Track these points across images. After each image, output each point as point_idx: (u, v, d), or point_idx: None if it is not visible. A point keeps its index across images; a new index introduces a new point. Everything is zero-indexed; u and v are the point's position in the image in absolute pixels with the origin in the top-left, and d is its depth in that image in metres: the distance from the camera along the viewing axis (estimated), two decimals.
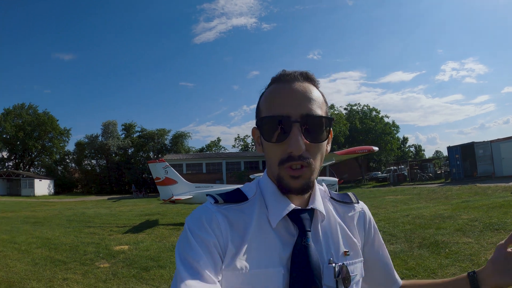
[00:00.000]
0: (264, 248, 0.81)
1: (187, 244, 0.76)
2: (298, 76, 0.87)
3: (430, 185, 25.06)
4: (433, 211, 10.91)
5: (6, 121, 55.89)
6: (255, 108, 0.94)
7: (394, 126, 43.52)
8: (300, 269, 0.80)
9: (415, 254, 6.10)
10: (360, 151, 12.27)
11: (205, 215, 0.81)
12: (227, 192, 0.90)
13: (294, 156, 0.80)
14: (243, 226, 0.82)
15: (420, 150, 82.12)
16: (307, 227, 0.85)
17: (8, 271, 6.58)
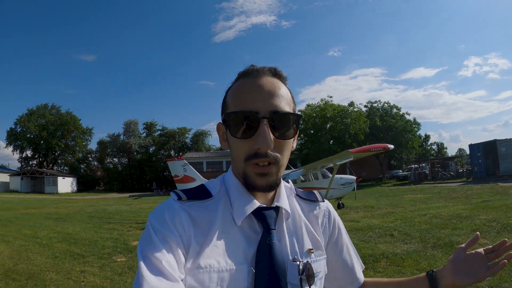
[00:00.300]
0: (229, 246, 0.79)
1: (150, 242, 0.73)
2: (266, 72, 0.86)
3: (451, 184, 24.63)
4: (451, 210, 10.73)
5: (30, 121, 57.73)
6: (222, 104, 0.92)
7: (415, 124, 42.64)
8: (265, 267, 0.80)
9: (428, 254, 5.98)
10: (375, 149, 12.03)
11: (168, 212, 0.78)
12: (191, 188, 0.88)
13: (261, 153, 0.78)
14: (207, 223, 0.80)
15: (442, 148, 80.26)
16: (271, 225, 0.84)
17: (29, 263, 6.87)
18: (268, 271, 0.79)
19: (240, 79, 0.87)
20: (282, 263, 0.82)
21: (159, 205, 0.83)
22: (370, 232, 8.44)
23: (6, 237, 10.03)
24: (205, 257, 0.76)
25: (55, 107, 61.57)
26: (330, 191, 13.81)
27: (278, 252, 0.82)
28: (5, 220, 14.10)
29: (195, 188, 0.88)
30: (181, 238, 0.75)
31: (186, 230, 0.77)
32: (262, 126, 0.77)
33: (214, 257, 0.77)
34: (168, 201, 0.83)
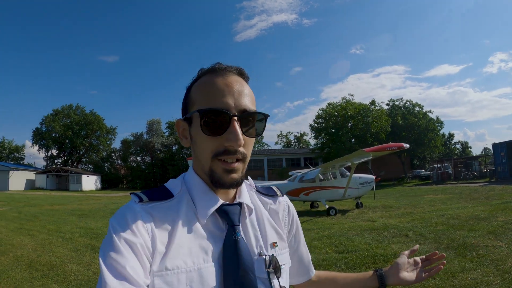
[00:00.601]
0: (195, 245, 0.79)
1: (112, 247, 0.71)
2: (234, 70, 0.87)
3: (473, 184, 24.09)
4: (470, 211, 10.53)
5: (55, 121, 59.78)
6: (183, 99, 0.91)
7: (438, 122, 41.69)
8: (233, 263, 0.81)
9: None
10: (389, 148, 11.85)
11: (130, 215, 0.77)
12: (152, 190, 0.86)
13: (231, 150, 0.80)
14: (170, 224, 0.79)
15: (466, 147, 78.46)
16: (236, 221, 0.85)
17: (52, 256, 7.26)
18: (236, 267, 0.81)
19: (206, 75, 0.87)
20: (249, 258, 0.83)
21: (120, 209, 0.80)
22: (385, 232, 8.40)
23: (31, 231, 10.51)
24: (172, 259, 0.75)
25: (79, 107, 63.43)
26: (349, 191, 13.76)
27: (244, 248, 0.84)
28: (30, 216, 14.72)
29: (155, 189, 0.87)
30: (144, 241, 0.74)
31: (149, 233, 0.76)
32: (234, 124, 0.79)
33: (181, 258, 0.76)
34: (129, 204, 0.81)
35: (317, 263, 6.00)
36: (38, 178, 48.74)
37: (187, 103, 0.88)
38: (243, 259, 0.82)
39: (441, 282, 4.65)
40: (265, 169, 49.06)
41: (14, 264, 6.57)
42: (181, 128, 0.90)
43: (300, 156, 49.21)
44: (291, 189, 14.20)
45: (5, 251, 7.68)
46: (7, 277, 5.77)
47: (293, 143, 71.27)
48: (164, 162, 57.17)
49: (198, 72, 0.90)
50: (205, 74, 0.87)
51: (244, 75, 0.89)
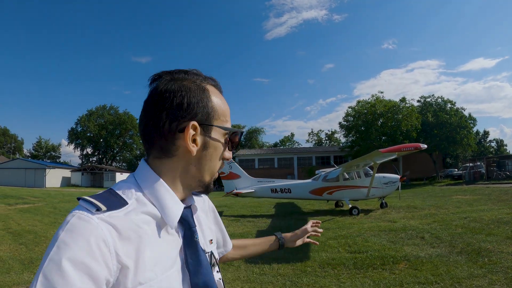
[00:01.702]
0: (159, 253, 0.76)
1: (63, 274, 0.61)
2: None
3: (505, 185, 23.06)
4: (494, 214, 10.26)
5: (90, 121, 62.26)
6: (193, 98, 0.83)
7: (471, 119, 40.09)
8: (197, 264, 0.83)
9: (451, 260, 5.89)
10: (405, 148, 11.63)
11: (88, 229, 0.66)
12: (103, 195, 0.77)
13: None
14: (134, 235, 0.72)
15: (502, 145, 74.49)
16: (192, 224, 0.87)
17: None
18: (200, 266, 0.83)
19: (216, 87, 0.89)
20: (205, 257, 0.88)
21: (73, 220, 0.68)
22: (403, 233, 8.39)
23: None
24: (143, 272, 0.71)
25: (113, 108, 65.75)
26: (372, 190, 13.69)
27: (201, 248, 0.87)
28: (64, 211, 15.53)
29: (107, 195, 0.78)
30: (106, 264, 0.66)
31: (112, 251, 0.68)
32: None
33: (151, 269, 0.73)
34: (84, 214, 0.69)
35: (326, 261, 6.22)
36: (74, 176, 50.44)
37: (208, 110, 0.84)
38: (202, 259, 0.85)
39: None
40: (295, 167, 49.05)
41: None
42: (191, 134, 0.81)
43: (330, 154, 48.77)
44: (315, 188, 14.28)
45: (39, 242, 8.43)
46: (39, 264, 6.34)
47: (324, 141, 70.78)
48: None
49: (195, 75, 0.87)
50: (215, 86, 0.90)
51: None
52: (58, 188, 43.68)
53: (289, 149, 56.86)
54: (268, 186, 14.97)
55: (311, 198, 14.67)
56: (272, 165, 49.67)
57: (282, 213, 14.87)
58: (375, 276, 5.36)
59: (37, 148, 69.50)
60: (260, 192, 14.94)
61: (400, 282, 4.98)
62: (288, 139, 73.29)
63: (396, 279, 5.10)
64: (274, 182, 15.63)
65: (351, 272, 5.62)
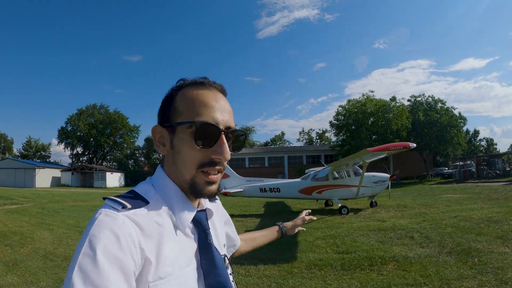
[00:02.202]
0: (178, 251, 0.81)
1: (96, 265, 0.64)
2: (218, 87, 0.91)
3: (495, 183, 23.37)
4: (484, 213, 10.25)
5: (80, 120, 61.64)
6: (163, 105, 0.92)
7: (461, 118, 40.40)
8: (210, 265, 0.86)
9: (440, 261, 5.79)
10: (394, 147, 11.58)
11: (116, 225, 0.71)
12: (127, 196, 0.83)
13: (217, 162, 0.84)
14: (155, 232, 0.78)
15: (491, 144, 75.74)
16: (207, 226, 0.91)
17: (67, 248, 7.73)
18: (214, 267, 0.86)
19: (192, 86, 0.89)
20: (221, 258, 0.90)
21: (102, 216, 0.73)
22: (392, 233, 8.31)
23: (51, 225, 11.05)
24: (163, 267, 0.75)
25: (103, 107, 65.11)
26: (362, 189, 13.63)
27: (216, 250, 0.90)
28: (52, 211, 15.33)
29: (131, 195, 0.84)
30: (132, 256, 0.70)
31: (136, 245, 0.72)
32: (223, 138, 0.84)
33: (170, 265, 0.77)
34: (111, 212, 0.75)
35: (313, 262, 6.08)
36: (64, 175, 50.16)
37: (170, 111, 0.88)
38: (217, 260, 0.88)
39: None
40: (286, 166, 49.18)
41: (31, 255, 7.04)
42: (158, 135, 0.90)
43: (321, 153, 48.86)
44: (304, 188, 14.18)
45: (24, 243, 8.17)
46: (23, 266, 6.24)
47: (314, 140, 70.90)
48: None
49: (179, 82, 0.91)
50: (191, 86, 0.89)
51: (225, 93, 0.93)
52: (48, 188, 43.51)
53: (280, 148, 56.91)
54: (257, 186, 14.82)
55: (300, 197, 14.54)
56: (262, 164, 49.78)
57: (271, 212, 14.77)
58: (363, 277, 5.21)
59: (27, 148, 68.69)
60: (249, 191, 14.78)
61: (388, 283, 4.84)
62: (279, 138, 73.48)
63: (384, 281, 4.96)
64: (263, 182, 15.50)
65: (338, 273, 5.47)
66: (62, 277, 5.63)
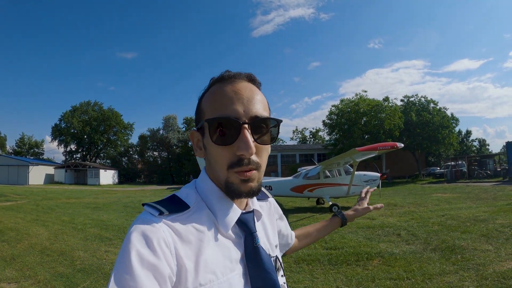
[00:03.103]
0: (220, 256, 0.78)
1: (130, 270, 0.65)
2: (243, 77, 0.84)
3: (485, 183, 23.76)
4: (471, 212, 10.48)
5: (74, 117, 61.44)
6: (195, 110, 0.90)
7: (453, 119, 40.84)
8: (257, 269, 0.82)
9: (424, 257, 5.98)
10: (382, 147, 11.78)
11: (152, 231, 0.71)
12: (167, 200, 0.82)
13: (244, 159, 0.77)
14: (194, 237, 0.76)
15: (484, 145, 76.31)
16: (253, 229, 0.86)
17: (63, 244, 7.93)
18: (261, 271, 0.82)
19: (215, 84, 0.85)
20: (269, 262, 0.86)
21: (138, 223, 0.73)
22: (380, 230, 8.52)
23: (46, 222, 11.22)
24: (203, 273, 0.73)
25: (97, 104, 64.93)
26: (353, 188, 13.81)
27: (265, 253, 0.86)
28: (47, 208, 15.51)
29: (170, 200, 0.83)
30: (168, 263, 0.69)
31: (173, 252, 0.71)
32: (244, 131, 0.76)
33: (211, 271, 0.74)
34: (148, 217, 0.75)
35: (302, 257, 6.28)
36: (57, 173, 49.91)
37: (199, 114, 0.87)
38: (265, 264, 0.83)
39: (415, 284, 4.73)
40: (279, 164, 49.22)
41: (28, 250, 7.25)
42: (195, 139, 0.89)
43: (314, 152, 49.09)
44: (296, 186, 14.36)
45: (21, 239, 8.37)
46: (21, 260, 6.45)
47: (308, 139, 71.09)
48: (180, 157, 57.78)
49: (210, 81, 0.88)
50: (215, 84, 0.85)
51: (255, 81, 0.87)
52: (41, 185, 43.19)
53: (273, 147, 55.60)
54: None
55: (292, 195, 14.69)
56: None
57: None
58: (348, 271, 5.43)
59: (20, 145, 68.18)
60: None
61: (372, 277, 5.06)
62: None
63: (369, 275, 5.18)
64: None
65: (325, 268, 5.68)
66: (59, 271, 5.83)
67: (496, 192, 16.83)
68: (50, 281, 5.30)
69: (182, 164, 57.54)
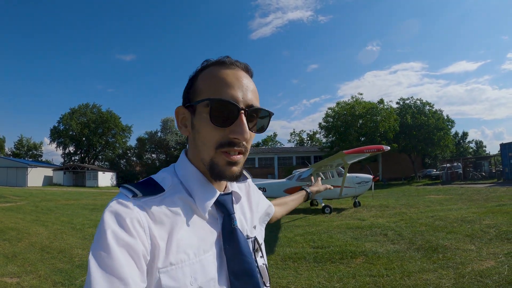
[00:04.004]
0: (194, 237, 0.79)
1: (106, 248, 0.67)
2: (241, 66, 0.87)
3: (479, 185, 23.92)
4: (461, 213, 10.53)
5: (72, 120, 61.40)
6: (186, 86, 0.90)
7: (449, 121, 41.07)
8: (234, 250, 0.83)
9: (407, 256, 6.15)
10: (368, 150, 11.99)
11: (126, 212, 0.73)
12: (141, 183, 0.83)
13: (236, 142, 0.80)
14: (167, 219, 0.77)
15: (481, 147, 76.64)
16: (231, 210, 0.88)
17: (62, 242, 8.28)
18: (237, 253, 0.83)
19: (214, 66, 0.87)
20: (246, 244, 0.87)
21: (113, 204, 0.75)
22: (368, 231, 8.68)
23: (46, 222, 11.53)
24: (174, 253, 0.75)
25: (96, 106, 64.92)
26: (345, 190, 14.02)
27: (241, 234, 0.87)
28: (46, 209, 15.77)
29: (145, 183, 0.84)
30: (142, 241, 0.71)
31: (146, 231, 0.73)
32: (241, 117, 0.79)
33: (183, 251, 0.76)
34: (122, 199, 0.76)
35: (289, 255, 6.56)
36: (56, 175, 50.00)
37: (191, 92, 0.87)
38: (242, 245, 0.85)
39: (393, 281, 4.87)
40: (276, 167, 49.44)
41: (29, 248, 7.59)
42: (181, 116, 0.89)
43: (311, 154, 49.39)
44: (289, 188, 14.55)
45: (21, 238, 8.69)
46: (22, 257, 6.79)
47: (305, 141, 71.31)
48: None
49: (203, 63, 0.90)
50: (213, 65, 0.87)
51: (249, 71, 0.90)
52: (40, 187, 43.27)
53: (270, 149, 57.09)
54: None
55: None
56: (253, 164, 50.00)
57: None
58: (332, 269, 5.70)
59: (19, 147, 68.19)
60: None
61: (353, 274, 5.31)
62: (271, 138, 73.70)
63: (350, 272, 5.44)
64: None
65: (310, 265, 5.96)
66: (59, 267, 6.15)
67: (489, 193, 16.96)
68: (50, 275, 5.63)
69: None
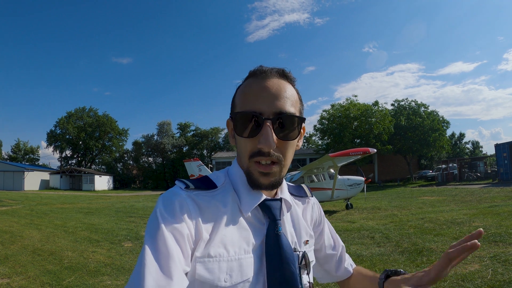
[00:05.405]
0: (236, 236, 0.81)
1: (157, 231, 0.72)
2: (274, 73, 0.87)
3: (474, 186, 23.95)
4: (451, 215, 10.55)
5: (69, 123, 61.52)
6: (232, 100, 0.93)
7: (444, 122, 41.22)
8: (275, 256, 0.83)
9: (390, 259, 6.14)
10: (354, 153, 12.04)
11: (177, 201, 0.79)
12: (197, 179, 0.88)
13: (264, 152, 0.81)
14: (214, 213, 0.81)
15: (477, 147, 76.55)
16: (277, 216, 0.88)
17: (54, 245, 8.39)
18: (278, 259, 0.83)
19: (248, 79, 0.90)
20: (290, 252, 0.86)
21: (167, 193, 0.83)
22: (356, 233, 8.70)
23: (39, 226, 11.63)
24: (215, 246, 0.77)
25: (92, 110, 65.03)
26: (337, 192, 14.10)
27: (285, 242, 0.86)
28: (41, 213, 15.87)
29: (199, 179, 0.89)
30: (189, 229, 0.75)
31: (194, 220, 0.77)
32: (265, 126, 0.80)
33: (224, 247, 0.78)
34: (175, 189, 0.83)
35: None
36: (52, 179, 50.04)
37: (232, 105, 0.91)
38: (285, 252, 0.84)
39: None
40: None
41: (21, 251, 7.70)
42: (230, 127, 0.92)
43: (306, 156, 49.32)
44: None
45: (14, 241, 8.81)
46: (13, 259, 6.93)
47: (303, 144, 71.25)
48: (175, 163, 57.96)
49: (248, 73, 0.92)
50: (247, 78, 0.90)
51: (287, 77, 0.89)
52: (37, 191, 43.29)
53: None
54: None
55: None
56: None
57: None
58: None
59: (16, 151, 68.12)
60: None
61: None
62: None
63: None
64: None
65: None
66: (48, 268, 6.28)
67: (482, 194, 17.01)
68: (39, 276, 5.76)
69: (177, 170, 57.59)
